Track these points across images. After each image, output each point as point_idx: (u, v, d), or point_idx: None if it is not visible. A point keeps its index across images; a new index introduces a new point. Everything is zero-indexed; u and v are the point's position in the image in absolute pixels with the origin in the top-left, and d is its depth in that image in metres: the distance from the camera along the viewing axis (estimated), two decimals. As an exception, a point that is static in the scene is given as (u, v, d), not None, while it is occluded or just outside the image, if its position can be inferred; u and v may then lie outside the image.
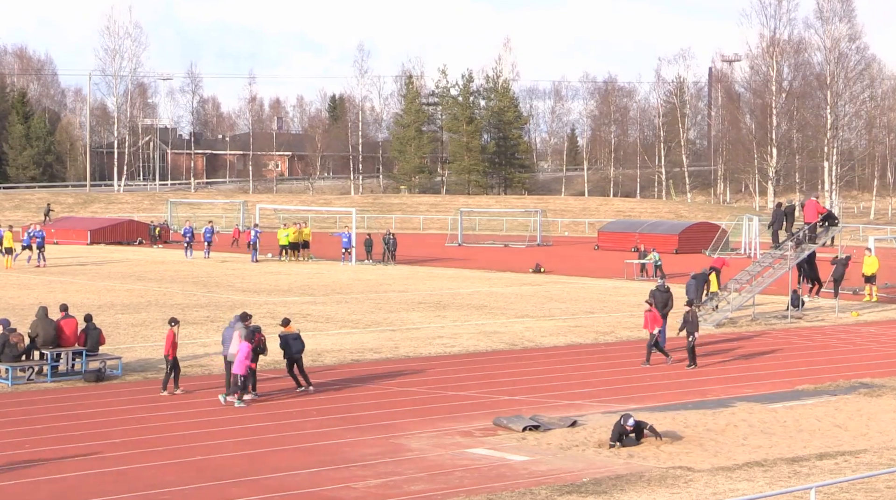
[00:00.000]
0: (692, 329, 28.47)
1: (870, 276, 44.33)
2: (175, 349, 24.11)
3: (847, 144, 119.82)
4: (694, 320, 28.60)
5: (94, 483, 17.39)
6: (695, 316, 28.73)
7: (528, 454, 19.53)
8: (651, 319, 28.55)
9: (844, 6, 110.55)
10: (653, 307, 28.93)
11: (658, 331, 28.60)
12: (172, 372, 24.17)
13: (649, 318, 28.59)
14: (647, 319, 28.66)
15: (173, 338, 24.08)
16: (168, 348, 24.08)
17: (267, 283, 47.80)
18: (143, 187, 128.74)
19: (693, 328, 28.47)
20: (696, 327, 28.60)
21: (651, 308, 28.87)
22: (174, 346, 24.07)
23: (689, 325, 28.50)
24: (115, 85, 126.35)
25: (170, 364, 24.12)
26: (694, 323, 28.56)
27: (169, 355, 24.07)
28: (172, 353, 24.05)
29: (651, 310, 28.77)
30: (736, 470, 18.32)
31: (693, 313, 28.72)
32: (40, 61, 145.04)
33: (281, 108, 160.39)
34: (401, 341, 32.15)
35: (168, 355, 24.08)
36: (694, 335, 28.51)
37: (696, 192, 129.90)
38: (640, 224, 79.78)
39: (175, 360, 24.15)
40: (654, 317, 28.55)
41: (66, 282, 46.78)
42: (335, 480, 17.72)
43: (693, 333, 28.48)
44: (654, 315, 28.58)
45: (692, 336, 28.47)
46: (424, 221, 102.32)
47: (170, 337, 24.09)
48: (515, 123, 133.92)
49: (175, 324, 24.36)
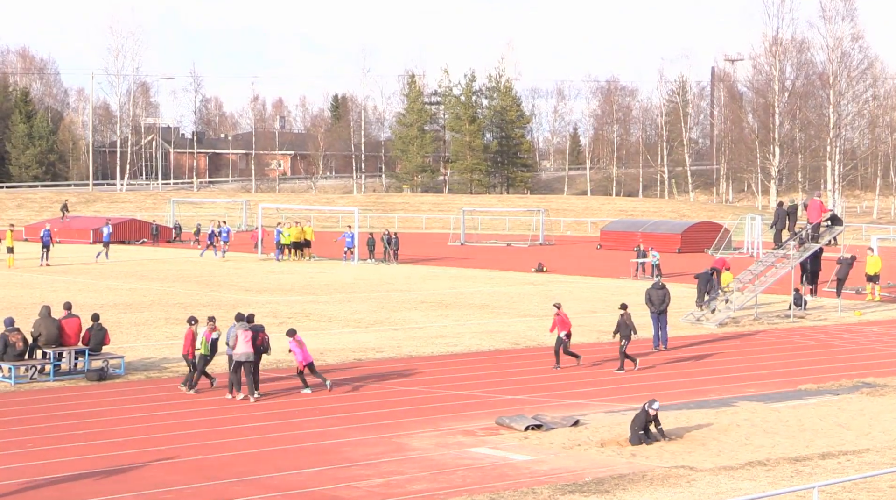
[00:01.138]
0: (626, 333, 27.57)
1: (872, 275, 44.30)
2: (194, 348, 24.16)
3: (850, 144, 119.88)
4: (629, 323, 27.65)
5: (95, 483, 17.39)
6: (629, 319, 27.74)
7: (531, 453, 19.52)
8: (559, 322, 27.68)
9: (847, 5, 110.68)
10: (560, 310, 27.90)
11: (565, 334, 27.69)
12: (194, 370, 24.25)
13: (557, 321, 27.74)
14: (556, 321, 27.83)
15: (192, 337, 24.14)
16: (187, 347, 24.13)
17: (269, 282, 47.81)
18: (146, 187, 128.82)
19: (627, 332, 27.56)
20: (630, 331, 27.63)
21: (559, 311, 27.87)
22: (193, 345, 24.15)
23: (623, 328, 27.59)
24: (118, 84, 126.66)
25: (191, 363, 24.20)
26: (628, 327, 27.63)
27: (189, 354, 24.13)
28: (192, 352, 24.10)
29: (559, 313, 27.80)
30: (738, 470, 18.31)
31: (628, 316, 27.71)
32: (43, 61, 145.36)
33: (283, 107, 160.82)
34: (403, 340, 32.15)
35: (188, 354, 24.14)
36: (627, 339, 27.56)
37: (698, 191, 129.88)
38: (643, 223, 79.78)
39: (194, 359, 24.21)
40: (562, 320, 27.65)
41: (69, 281, 46.80)
42: (337, 479, 17.72)
43: (627, 337, 27.55)
44: (562, 318, 27.67)
45: (625, 340, 27.54)
46: (427, 221, 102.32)
47: (188, 336, 24.15)
48: (518, 122, 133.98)
49: (194, 323, 24.43)
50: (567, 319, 28.08)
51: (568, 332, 27.93)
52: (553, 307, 28.76)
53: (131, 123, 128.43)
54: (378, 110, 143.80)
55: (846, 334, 35.43)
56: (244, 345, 23.57)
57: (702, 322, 36.73)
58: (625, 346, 27.74)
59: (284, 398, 23.96)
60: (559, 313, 27.91)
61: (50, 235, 56.32)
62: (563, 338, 27.77)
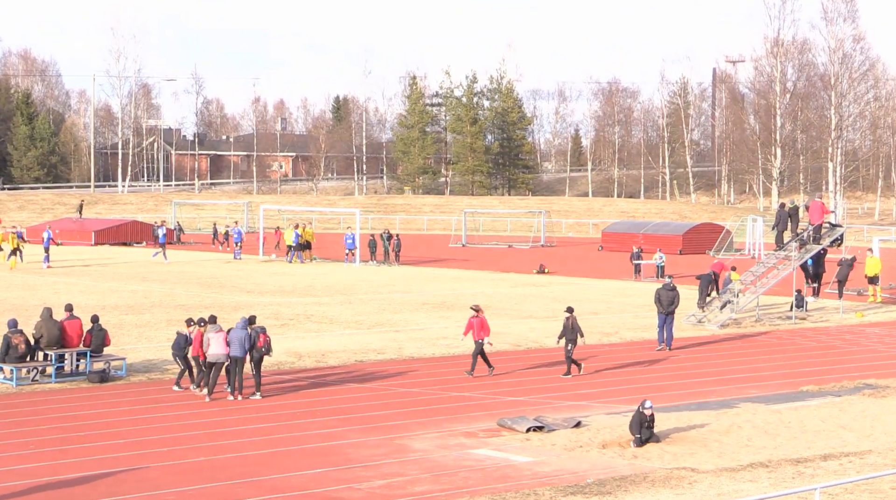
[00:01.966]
0: (571, 337, 26.76)
1: (873, 277, 44.29)
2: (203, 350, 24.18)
3: (851, 145, 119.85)
4: (574, 327, 26.79)
5: (98, 484, 17.39)
6: (574, 323, 26.84)
7: (533, 454, 19.53)
8: (478, 325, 26.26)
9: (849, 7, 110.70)
10: (480, 313, 26.49)
11: (486, 341, 26.44)
12: (199, 372, 24.25)
13: (476, 324, 26.28)
14: (473, 325, 26.36)
15: (201, 338, 24.16)
16: (197, 349, 24.13)
17: (271, 283, 47.82)
18: (147, 188, 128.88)
19: (573, 336, 26.73)
20: (575, 335, 26.79)
21: (477, 314, 26.41)
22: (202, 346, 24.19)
23: (569, 332, 26.78)
24: (120, 86, 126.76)
25: (202, 364, 24.23)
26: (574, 331, 26.79)
27: (200, 356, 24.16)
28: (203, 353, 24.12)
29: (478, 316, 26.37)
30: (740, 471, 18.31)
31: (573, 320, 26.82)
32: (45, 62, 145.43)
33: (285, 109, 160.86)
34: (405, 341, 32.16)
35: (200, 356, 24.16)
36: (574, 342, 26.84)
37: (700, 192, 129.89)
38: (644, 225, 79.79)
39: (195, 359, 24.23)
40: (480, 323, 26.27)
41: (71, 283, 46.82)
42: (339, 480, 17.72)
43: (573, 341, 26.76)
44: (480, 321, 26.29)
45: (571, 344, 26.79)
46: (428, 222, 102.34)
47: (197, 338, 24.17)
48: (519, 123, 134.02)
49: (203, 324, 24.46)
50: (486, 323, 26.67)
51: (484, 336, 26.38)
52: (471, 309, 27.16)
53: (133, 125, 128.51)
54: (379, 112, 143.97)
55: (848, 335, 35.42)
56: (216, 346, 23.73)
57: (703, 323, 36.73)
58: (571, 350, 26.85)
59: (286, 400, 23.96)
60: (478, 316, 26.47)
61: (51, 237, 56.39)
62: (481, 343, 26.34)
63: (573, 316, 27.01)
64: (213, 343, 23.77)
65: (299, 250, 60.09)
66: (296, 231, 60.98)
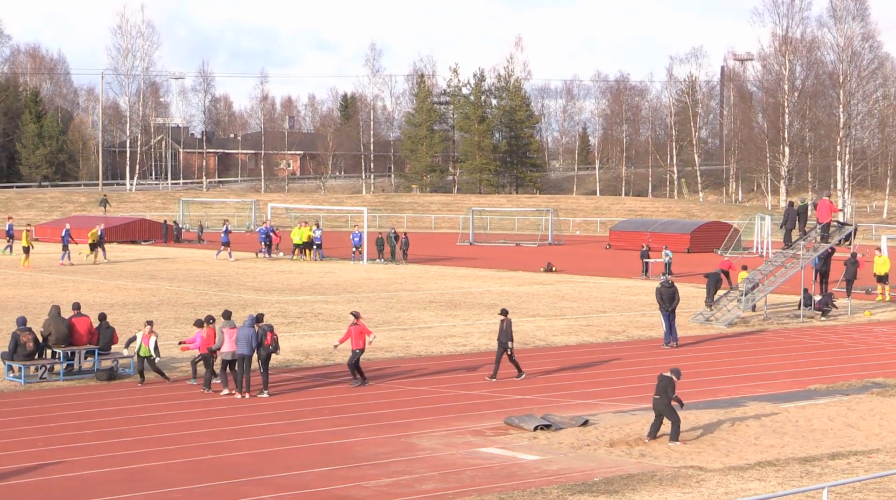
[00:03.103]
0: (505, 339, 25.94)
1: (882, 275, 44.20)
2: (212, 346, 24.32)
3: (860, 143, 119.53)
4: (507, 330, 26.01)
5: (105, 481, 17.43)
6: (509, 325, 26.08)
7: (540, 453, 19.52)
8: (356, 333, 24.94)
9: (858, 5, 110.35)
10: (359, 321, 25.14)
11: (360, 350, 25.04)
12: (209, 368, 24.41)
13: (354, 332, 24.95)
14: (351, 333, 25.01)
15: (213, 335, 24.31)
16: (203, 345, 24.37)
17: (278, 282, 47.85)
18: (156, 186, 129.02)
19: (506, 337, 25.92)
20: (508, 337, 25.94)
21: (357, 321, 25.08)
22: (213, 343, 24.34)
23: (501, 335, 26.08)
24: (128, 84, 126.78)
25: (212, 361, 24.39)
26: (506, 334, 25.98)
27: (214, 355, 24.28)
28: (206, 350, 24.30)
29: (357, 323, 25.05)
30: (748, 470, 18.29)
31: (508, 322, 26.11)
32: (53, 60, 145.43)
33: (293, 107, 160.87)
34: (412, 340, 32.16)
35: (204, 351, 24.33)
36: (508, 345, 25.96)
37: (707, 191, 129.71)
38: (652, 223, 79.74)
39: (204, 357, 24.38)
40: (358, 332, 24.94)
41: (79, 281, 46.89)
42: (346, 479, 17.73)
43: (506, 342, 25.92)
44: (359, 329, 24.98)
45: (505, 346, 25.95)
46: (436, 220, 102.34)
47: (210, 335, 24.30)
48: (527, 122, 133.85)
49: (212, 322, 24.67)
50: (366, 330, 25.33)
51: (363, 346, 25.09)
52: (350, 316, 25.90)
53: (141, 123, 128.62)
54: (387, 110, 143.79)
55: (856, 334, 35.37)
56: (228, 343, 23.88)
57: (711, 322, 36.69)
58: (501, 352, 26.10)
59: (293, 398, 23.98)
60: (357, 323, 25.16)
61: (69, 235, 56.52)
62: (360, 353, 25.15)
63: (507, 319, 26.24)
64: (225, 340, 23.88)
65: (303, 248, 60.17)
66: (317, 229, 61.10)
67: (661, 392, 20.34)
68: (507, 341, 26.07)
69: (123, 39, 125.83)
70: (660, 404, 20.27)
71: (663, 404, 20.25)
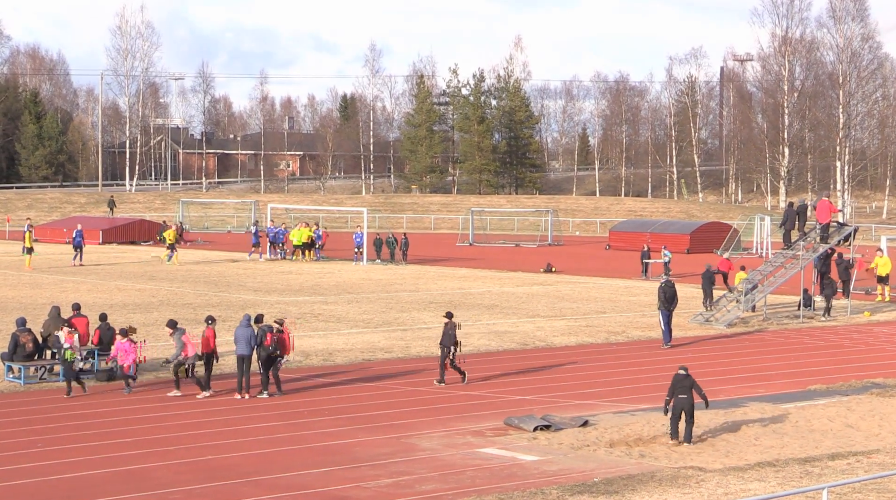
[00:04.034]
0: (447, 342, 25.57)
1: (883, 276, 44.18)
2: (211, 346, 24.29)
3: (859, 144, 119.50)
4: (451, 333, 25.59)
5: (105, 482, 17.42)
6: (452, 329, 25.63)
7: (540, 453, 19.52)
8: (208, 338, 24.08)
9: (857, 5, 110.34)
10: (284, 328, 24.45)
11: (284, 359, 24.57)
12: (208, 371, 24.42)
13: (209, 335, 24.19)
14: (208, 337, 24.17)
15: (213, 336, 24.28)
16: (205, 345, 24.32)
17: (278, 282, 47.84)
18: (155, 187, 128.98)
19: (449, 341, 25.54)
20: (451, 341, 25.53)
21: (282, 328, 24.36)
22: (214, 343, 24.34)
23: (444, 338, 25.67)
24: (127, 85, 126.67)
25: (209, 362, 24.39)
26: (450, 336, 25.58)
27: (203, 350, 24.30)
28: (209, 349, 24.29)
29: (283, 331, 24.35)
30: (748, 470, 18.29)
31: (452, 326, 25.65)
32: (52, 61, 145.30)
33: (292, 107, 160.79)
34: (412, 340, 32.16)
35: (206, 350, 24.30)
36: (450, 348, 25.53)
37: (707, 191, 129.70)
38: (652, 224, 79.73)
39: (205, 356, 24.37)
40: (207, 337, 24.08)
41: (79, 281, 46.88)
42: (346, 479, 17.73)
43: (447, 347, 25.56)
44: (210, 333, 24.18)
45: (447, 349, 25.56)
46: (436, 221, 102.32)
47: (210, 336, 24.25)
48: (527, 122, 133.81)
49: (212, 322, 24.60)
50: (289, 339, 24.76)
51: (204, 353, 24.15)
52: (274, 324, 24.53)
53: (140, 124, 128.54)
54: (387, 110, 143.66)
55: (856, 334, 35.37)
56: (191, 347, 24.11)
57: (711, 323, 36.69)
58: (444, 356, 25.67)
59: (293, 399, 23.97)
60: (283, 331, 24.34)
61: (82, 236, 56.30)
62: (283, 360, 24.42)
63: (452, 322, 25.80)
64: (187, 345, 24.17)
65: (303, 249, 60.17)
66: (317, 231, 61.12)
67: (687, 392, 20.31)
68: (449, 344, 25.60)
69: (123, 40, 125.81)
70: (687, 404, 20.24)
71: (691, 403, 20.23)
